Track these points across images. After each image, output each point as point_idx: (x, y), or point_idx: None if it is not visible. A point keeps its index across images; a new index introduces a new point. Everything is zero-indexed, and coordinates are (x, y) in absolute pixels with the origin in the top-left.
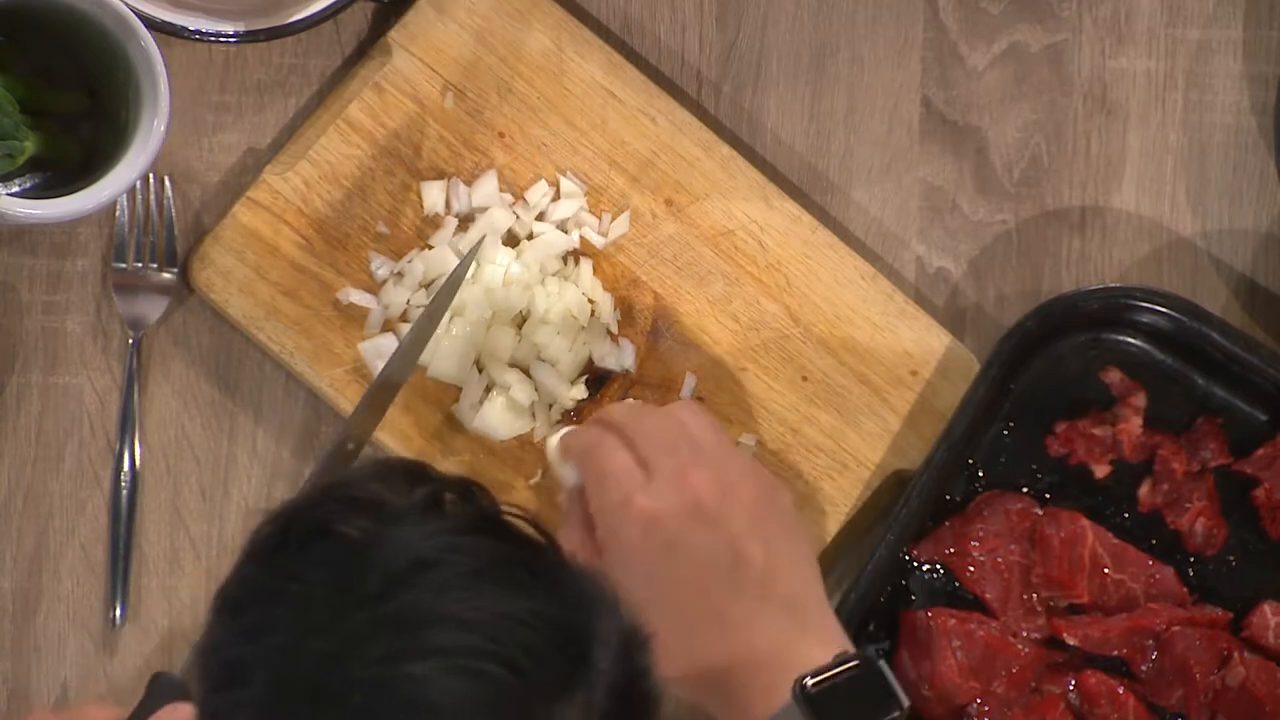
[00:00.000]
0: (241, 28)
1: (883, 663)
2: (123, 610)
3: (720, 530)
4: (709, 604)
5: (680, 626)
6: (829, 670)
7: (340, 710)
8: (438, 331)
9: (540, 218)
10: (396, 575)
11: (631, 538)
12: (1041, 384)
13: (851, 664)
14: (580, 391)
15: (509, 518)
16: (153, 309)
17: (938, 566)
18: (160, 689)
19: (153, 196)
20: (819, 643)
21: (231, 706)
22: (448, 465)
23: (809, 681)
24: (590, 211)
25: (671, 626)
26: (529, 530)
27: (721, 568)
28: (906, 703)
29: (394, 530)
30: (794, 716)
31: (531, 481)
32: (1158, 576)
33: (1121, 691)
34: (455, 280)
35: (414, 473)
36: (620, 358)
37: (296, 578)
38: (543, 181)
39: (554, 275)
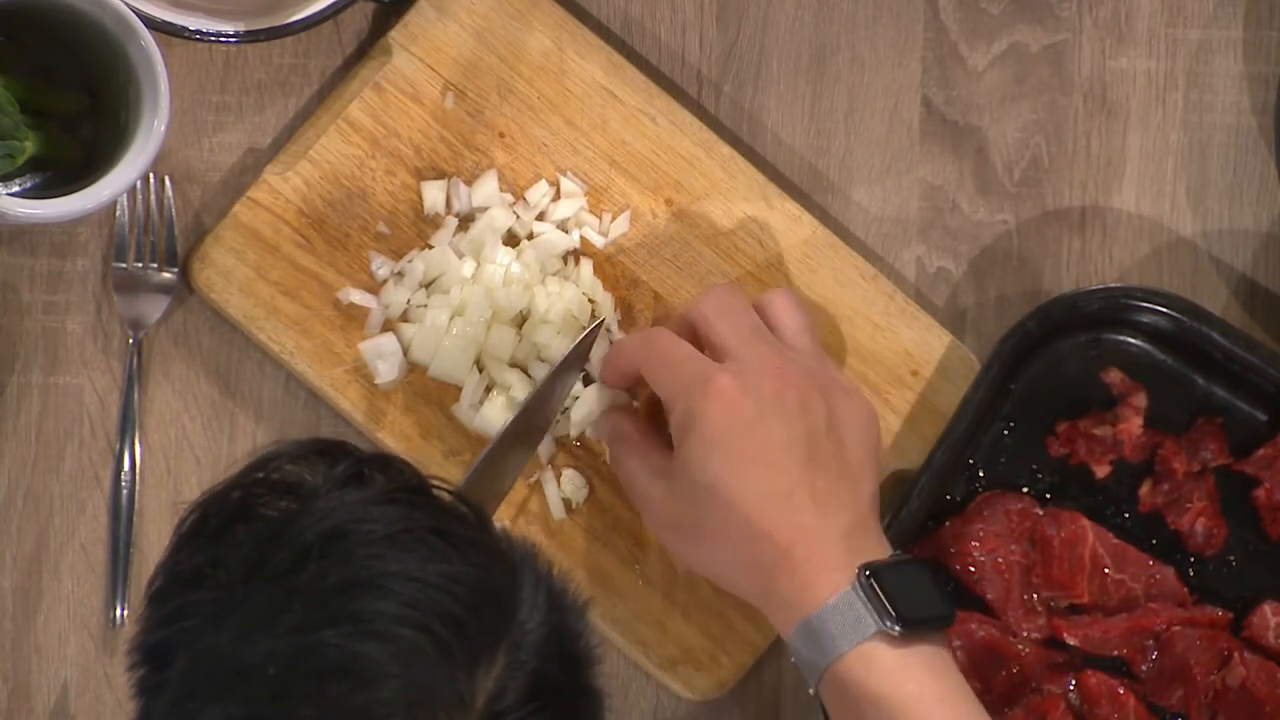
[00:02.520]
0: (242, 28)
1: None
2: (123, 610)
3: (799, 424)
4: (778, 484)
5: (747, 506)
6: (887, 562)
7: (254, 683)
8: (438, 332)
9: (541, 217)
10: (308, 547)
11: (710, 413)
12: (1042, 384)
13: (903, 559)
14: (580, 390)
15: (432, 489)
16: (153, 309)
17: (938, 566)
18: None
19: (153, 196)
20: (877, 543)
21: (155, 688)
22: (448, 465)
23: (869, 571)
24: (590, 211)
25: (734, 515)
26: (451, 501)
27: (796, 457)
28: (953, 608)
29: (309, 506)
30: (852, 604)
31: (530, 480)
32: (1158, 576)
33: (1122, 691)
34: (583, 347)
35: (331, 451)
36: None
37: (214, 561)
38: (543, 181)
39: (554, 275)
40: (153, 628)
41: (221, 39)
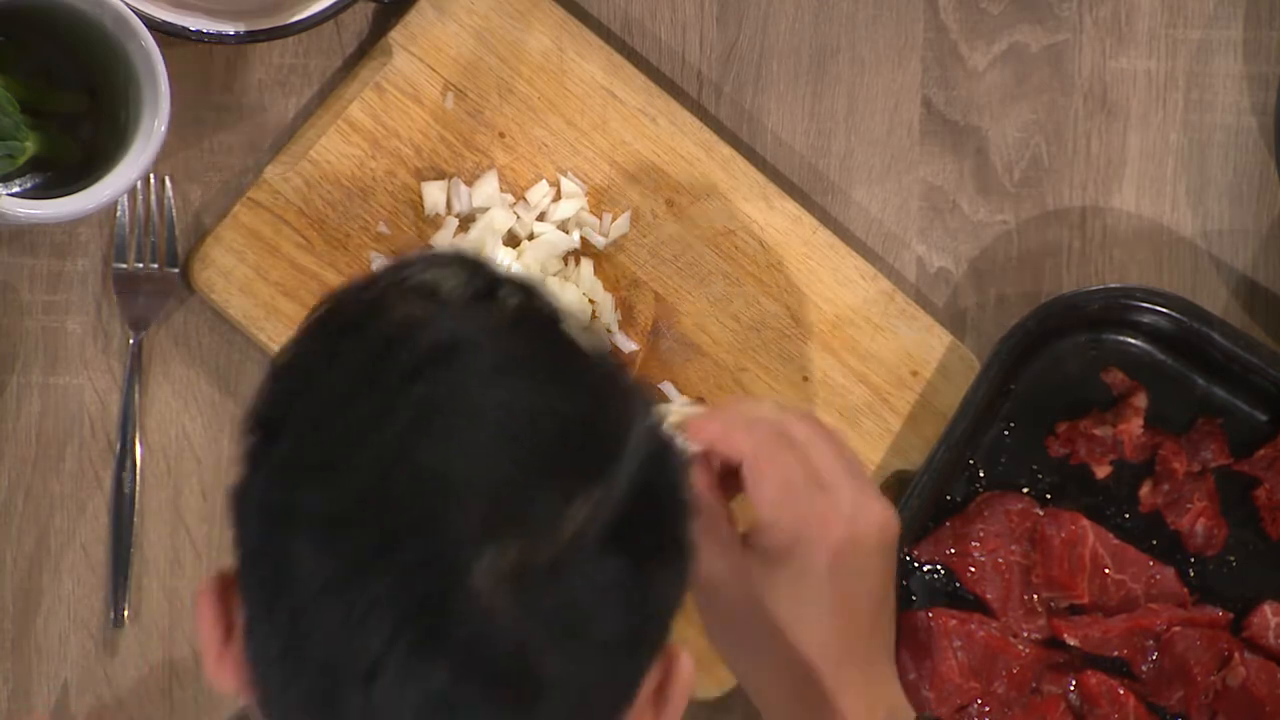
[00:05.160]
0: (242, 28)
1: None
2: (123, 610)
3: (880, 577)
4: (846, 638)
5: (807, 649)
6: None
7: (352, 477)
8: None
9: (541, 218)
10: (428, 358)
11: (818, 557)
12: (1042, 384)
13: None
14: None
15: (563, 320)
16: (153, 309)
17: (938, 567)
18: None
19: (153, 196)
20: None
21: (258, 459)
22: None
23: None
24: (591, 212)
25: (798, 647)
26: (583, 335)
27: (869, 612)
28: None
29: (437, 314)
30: None
31: None
32: (1158, 577)
33: (1122, 692)
34: None
35: (474, 265)
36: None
37: (334, 352)
38: (543, 181)
39: (555, 275)
40: (266, 401)
41: (221, 39)
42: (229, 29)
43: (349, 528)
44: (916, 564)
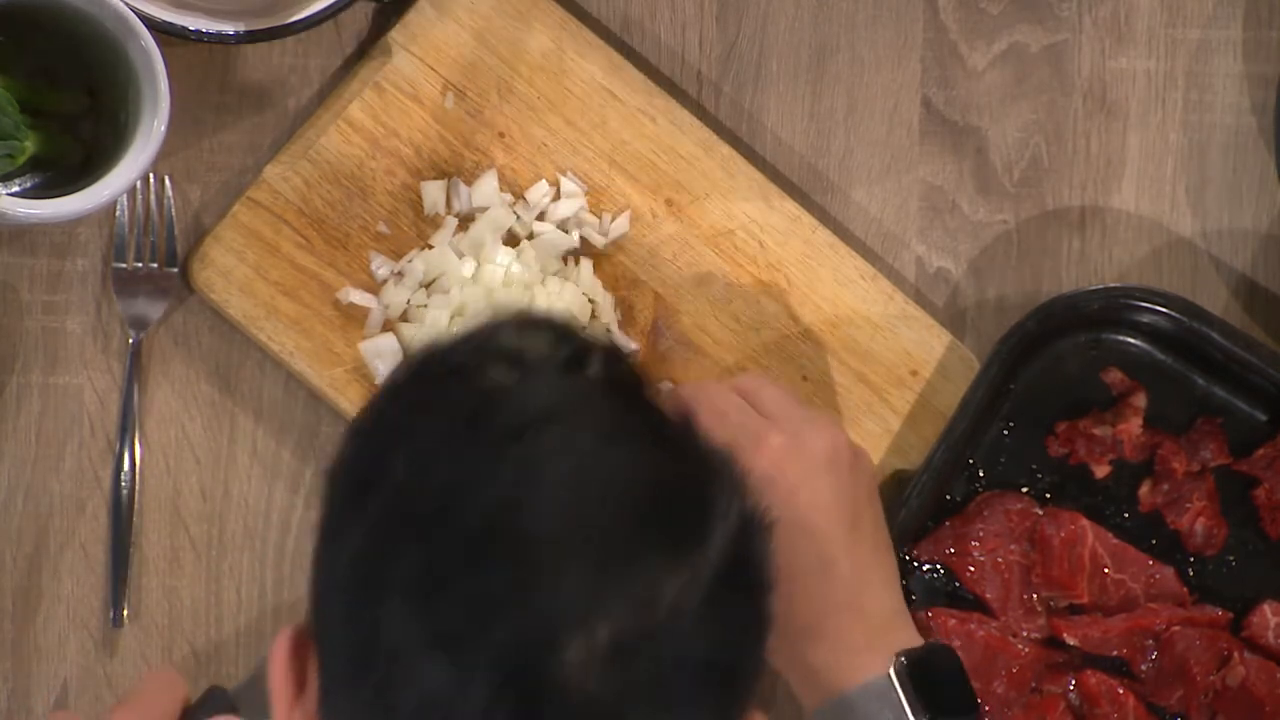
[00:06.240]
0: (241, 28)
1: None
2: (123, 610)
3: (846, 488)
4: (819, 551)
5: (784, 571)
6: (921, 652)
7: (449, 542)
8: (438, 332)
9: (541, 217)
10: (525, 423)
11: (758, 472)
12: (1041, 384)
13: (935, 648)
14: None
15: (647, 388)
16: (153, 309)
17: (938, 566)
18: (213, 702)
19: (153, 196)
20: (907, 632)
21: (348, 525)
22: None
23: (904, 660)
24: (590, 211)
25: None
26: (665, 403)
27: (841, 524)
28: (980, 708)
29: (529, 381)
30: (887, 693)
31: None
32: (1158, 576)
33: (1121, 691)
34: None
35: (560, 329)
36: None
37: (425, 410)
38: (543, 181)
39: (554, 275)
40: (353, 464)
41: (221, 39)
42: (229, 29)
43: (448, 589)
44: (916, 564)
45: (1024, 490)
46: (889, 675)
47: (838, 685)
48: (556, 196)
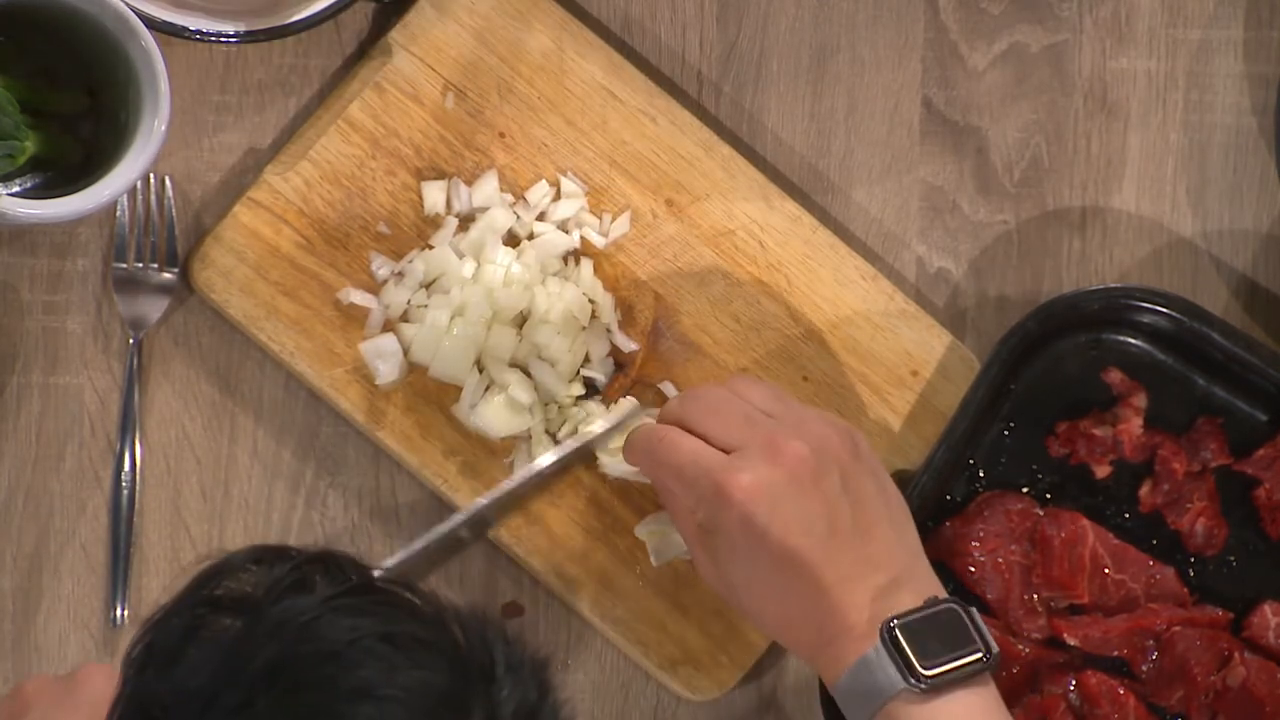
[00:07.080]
0: (242, 28)
1: (972, 610)
2: (123, 610)
3: (815, 502)
4: (803, 576)
5: (777, 601)
6: (915, 612)
7: None
8: (438, 332)
9: (541, 218)
10: (255, 679)
11: (729, 523)
12: (1042, 384)
13: (936, 608)
14: (579, 389)
15: (377, 584)
16: (153, 309)
17: (938, 566)
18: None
19: (153, 196)
20: (911, 593)
21: None
22: (448, 465)
23: (895, 623)
24: (591, 211)
25: (768, 602)
26: (397, 593)
27: (817, 536)
28: (995, 648)
29: (255, 623)
30: (870, 666)
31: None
32: (1158, 577)
33: (1122, 692)
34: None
35: (270, 559)
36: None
37: (164, 703)
38: (543, 181)
39: (555, 275)
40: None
41: (221, 39)
42: (229, 29)
43: None
44: None
45: (1024, 490)
46: (874, 649)
47: (837, 675)
48: (557, 197)
